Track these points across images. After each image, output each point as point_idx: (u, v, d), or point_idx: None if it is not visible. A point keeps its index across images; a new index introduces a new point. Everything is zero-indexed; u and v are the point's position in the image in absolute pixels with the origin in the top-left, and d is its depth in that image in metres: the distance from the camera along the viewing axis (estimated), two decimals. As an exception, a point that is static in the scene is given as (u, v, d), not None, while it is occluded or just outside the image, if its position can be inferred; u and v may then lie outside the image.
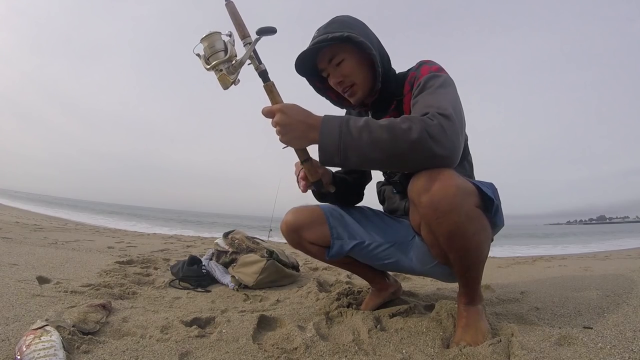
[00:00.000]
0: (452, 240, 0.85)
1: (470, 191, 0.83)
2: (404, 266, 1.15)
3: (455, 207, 0.79)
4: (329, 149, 0.80)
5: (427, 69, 0.96)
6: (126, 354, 0.85)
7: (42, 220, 6.69)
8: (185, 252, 3.04)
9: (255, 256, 1.83)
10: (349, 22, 0.99)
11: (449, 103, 0.83)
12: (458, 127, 0.80)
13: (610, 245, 8.66)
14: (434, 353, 0.89)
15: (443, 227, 0.82)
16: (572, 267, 2.70)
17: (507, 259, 3.78)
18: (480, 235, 0.86)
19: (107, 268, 1.91)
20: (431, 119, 0.78)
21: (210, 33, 0.82)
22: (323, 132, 0.80)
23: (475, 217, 0.84)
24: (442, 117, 0.78)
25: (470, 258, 0.89)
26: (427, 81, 0.91)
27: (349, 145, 0.78)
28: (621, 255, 4.27)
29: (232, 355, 0.87)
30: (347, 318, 1.16)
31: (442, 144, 0.76)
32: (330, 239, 1.15)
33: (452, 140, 0.78)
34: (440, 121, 0.77)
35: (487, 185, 0.90)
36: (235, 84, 0.84)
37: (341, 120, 0.81)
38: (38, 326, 0.86)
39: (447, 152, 0.77)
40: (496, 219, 0.91)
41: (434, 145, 0.76)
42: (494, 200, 0.87)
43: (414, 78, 0.98)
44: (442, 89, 0.89)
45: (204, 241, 4.64)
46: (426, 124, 0.76)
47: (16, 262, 1.85)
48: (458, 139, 0.79)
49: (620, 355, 0.80)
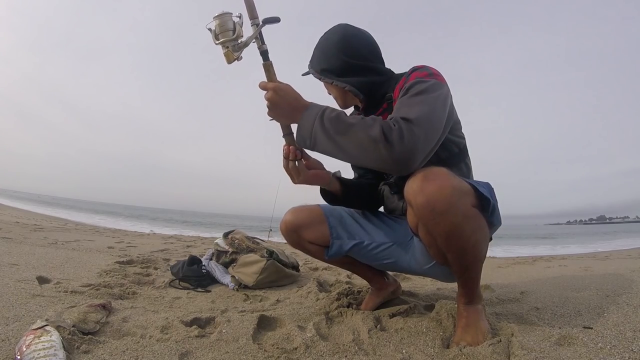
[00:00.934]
0: (449, 241, 0.85)
1: (466, 191, 0.84)
2: (403, 266, 1.16)
3: (452, 208, 0.80)
4: (303, 133, 0.90)
5: (416, 75, 0.96)
6: (126, 354, 0.85)
7: (42, 220, 6.69)
8: (185, 252, 3.04)
9: (255, 256, 1.83)
10: (327, 51, 1.07)
11: (420, 109, 0.83)
12: (421, 133, 0.79)
13: (610, 245, 8.66)
14: (434, 353, 0.89)
15: (440, 227, 0.82)
16: (572, 267, 2.70)
17: (507, 259, 3.78)
18: (477, 234, 0.87)
19: (107, 268, 1.91)
20: (393, 124, 0.79)
21: (223, 13, 0.91)
22: (303, 117, 0.90)
23: (472, 217, 0.84)
24: (405, 121, 0.79)
25: (468, 258, 0.89)
26: (410, 87, 0.91)
27: (317, 133, 0.87)
28: (621, 255, 4.27)
29: (232, 355, 0.87)
30: (347, 318, 1.16)
31: (394, 148, 0.77)
32: (330, 239, 1.15)
33: (409, 147, 0.78)
34: (400, 126, 0.78)
35: (483, 185, 0.90)
36: (238, 60, 0.94)
37: (320, 109, 0.89)
38: (38, 326, 0.86)
39: (398, 156, 0.78)
40: (493, 219, 0.91)
41: (385, 148, 0.78)
42: (491, 199, 0.87)
43: (404, 82, 0.98)
44: (422, 95, 0.87)
45: (204, 241, 4.64)
46: (385, 127, 0.79)
47: (16, 262, 1.85)
48: (417, 145, 0.79)
49: (620, 355, 0.80)
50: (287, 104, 0.91)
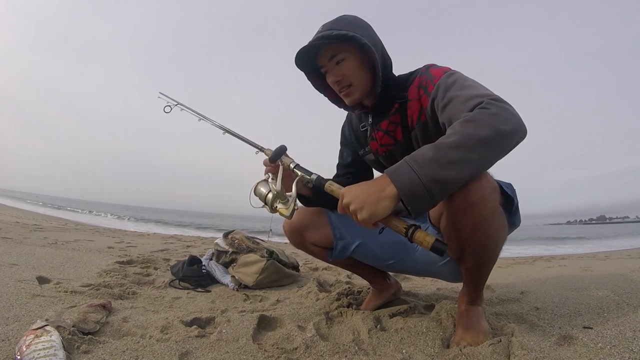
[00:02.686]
0: (474, 233, 0.82)
1: (496, 187, 0.83)
2: (408, 266, 1.15)
3: (484, 199, 0.78)
4: (414, 187, 0.70)
5: (439, 70, 0.94)
6: (126, 354, 0.85)
7: (42, 220, 6.69)
8: (185, 252, 3.04)
9: (255, 256, 1.83)
10: (356, 23, 0.97)
11: (486, 88, 0.83)
12: (507, 102, 0.77)
13: (610, 245, 8.65)
14: (434, 353, 0.89)
15: (469, 218, 0.80)
16: (572, 267, 2.70)
17: (507, 259, 3.78)
18: (499, 232, 0.86)
19: (107, 268, 1.91)
20: (475, 109, 0.75)
21: (254, 188, 0.98)
22: (394, 178, 0.72)
23: (498, 214, 0.84)
24: (496, 101, 0.76)
25: (486, 255, 0.88)
26: (448, 78, 0.88)
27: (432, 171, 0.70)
28: (621, 255, 4.27)
29: (232, 355, 0.87)
30: (347, 318, 1.16)
31: (511, 122, 0.73)
32: (333, 240, 1.15)
33: (515, 114, 0.75)
34: (483, 105, 0.75)
35: (506, 185, 0.90)
36: (296, 208, 0.95)
37: (405, 160, 0.74)
38: (38, 326, 0.86)
39: (516, 126, 0.74)
40: (514, 219, 0.92)
41: (505, 127, 0.72)
42: (514, 199, 0.88)
43: (425, 81, 0.95)
44: (469, 81, 0.87)
45: (204, 241, 4.64)
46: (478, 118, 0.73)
47: (16, 262, 1.85)
48: (516, 111, 0.76)
49: (620, 355, 0.80)
50: (364, 191, 0.75)
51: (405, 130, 1.02)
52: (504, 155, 0.76)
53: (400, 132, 1.03)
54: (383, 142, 1.07)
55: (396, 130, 1.04)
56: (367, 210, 0.73)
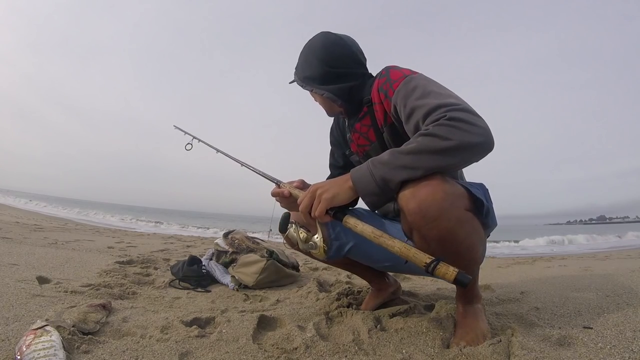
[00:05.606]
0: (443, 246, 0.82)
1: (459, 194, 0.82)
2: (403, 267, 1.15)
3: (444, 213, 0.78)
4: (367, 185, 0.81)
5: (399, 73, 0.94)
6: (126, 354, 0.85)
7: (42, 220, 6.69)
8: (185, 252, 3.04)
9: (255, 256, 1.83)
10: (309, 59, 1.07)
11: (450, 95, 0.83)
12: (473, 110, 0.78)
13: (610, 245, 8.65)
14: (434, 353, 0.88)
15: (433, 233, 0.80)
16: (572, 267, 2.70)
17: (507, 259, 3.78)
18: (472, 237, 0.86)
19: (107, 268, 1.91)
20: (436, 121, 0.77)
21: (284, 237, 1.02)
22: (354, 175, 0.83)
23: (465, 221, 0.83)
24: (460, 111, 0.77)
25: (464, 260, 0.87)
26: (408, 84, 0.89)
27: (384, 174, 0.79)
28: (621, 255, 4.26)
29: (232, 355, 0.87)
30: (347, 318, 1.15)
31: (474, 134, 0.75)
32: (329, 240, 1.15)
33: (481, 125, 0.76)
34: (462, 116, 0.76)
35: (477, 187, 0.90)
36: (329, 249, 0.94)
37: (367, 162, 0.83)
38: (38, 326, 0.86)
39: (478, 139, 0.75)
40: (488, 220, 0.91)
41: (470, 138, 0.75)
42: (484, 201, 0.86)
43: (385, 85, 0.96)
44: (431, 86, 0.87)
45: (204, 241, 4.64)
46: (436, 130, 0.76)
47: (16, 262, 1.85)
48: (483, 121, 0.78)
49: (620, 355, 0.80)
50: (328, 183, 0.86)
51: (377, 132, 1.05)
52: (465, 165, 0.82)
53: (372, 133, 1.07)
54: (360, 143, 1.12)
55: (369, 132, 1.08)
56: (331, 191, 0.84)
